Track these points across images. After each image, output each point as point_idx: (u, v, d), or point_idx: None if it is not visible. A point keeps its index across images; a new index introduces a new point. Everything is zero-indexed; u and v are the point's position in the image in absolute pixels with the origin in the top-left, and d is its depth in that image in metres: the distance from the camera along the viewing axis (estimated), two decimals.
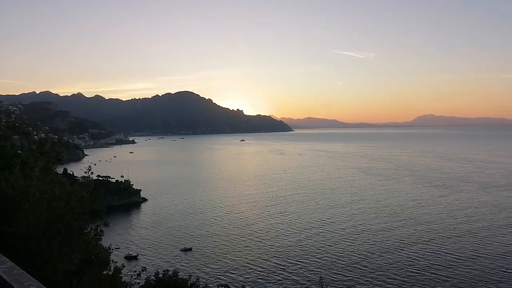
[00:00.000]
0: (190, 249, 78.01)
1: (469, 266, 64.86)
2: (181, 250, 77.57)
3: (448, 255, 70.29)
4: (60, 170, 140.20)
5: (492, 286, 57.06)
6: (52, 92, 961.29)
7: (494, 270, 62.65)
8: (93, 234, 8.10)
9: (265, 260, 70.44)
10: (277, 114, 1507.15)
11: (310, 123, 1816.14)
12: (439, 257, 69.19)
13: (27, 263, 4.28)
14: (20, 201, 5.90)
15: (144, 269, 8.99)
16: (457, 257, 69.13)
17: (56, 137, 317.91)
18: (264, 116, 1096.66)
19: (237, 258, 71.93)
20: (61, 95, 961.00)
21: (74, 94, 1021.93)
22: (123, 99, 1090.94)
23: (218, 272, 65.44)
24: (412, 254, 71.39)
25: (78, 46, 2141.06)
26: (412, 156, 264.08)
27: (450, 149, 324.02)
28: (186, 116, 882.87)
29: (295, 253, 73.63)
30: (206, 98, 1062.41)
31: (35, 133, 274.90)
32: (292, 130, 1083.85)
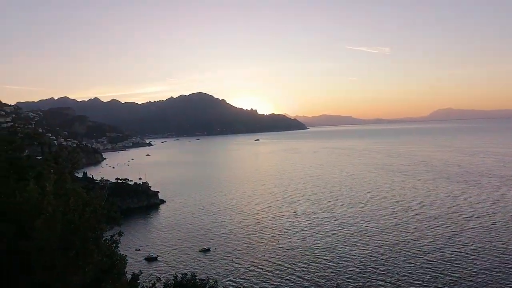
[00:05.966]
0: (209, 250, 78.47)
1: (484, 258, 63.27)
2: (200, 251, 78.08)
3: (463, 247, 68.76)
4: (80, 174, 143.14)
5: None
6: (70, 97, 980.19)
7: None
8: (108, 243, 8.12)
9: (282, 261, 70.17)
10: (292, 113, 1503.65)
11: (325, 121, 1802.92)
12: (456, 252, 67.75)
13: (42, 276, 4.28)
14: (34, 216, 5.95)
15: (158, 279, 8.96)
16: (474, 249, 67.54)
17: (76, 142, 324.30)
18: (278, 114, 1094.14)
19: (255, 259, 71.91)
20: (78, 100, 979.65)
21: (91, 98, 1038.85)
22: (139, 102, 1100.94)
23: (235, 274, 65.54)
24: (429, 248, 70.09)
25: (91, 51, 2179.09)
26: (429, 151, 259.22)
27: (468, 143, 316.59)
28: (200, 117, 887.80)
29: (311, 254, 72.97)
30: (220, 99, 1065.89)
31: (54, 138, 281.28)
32: (307, 128, 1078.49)
